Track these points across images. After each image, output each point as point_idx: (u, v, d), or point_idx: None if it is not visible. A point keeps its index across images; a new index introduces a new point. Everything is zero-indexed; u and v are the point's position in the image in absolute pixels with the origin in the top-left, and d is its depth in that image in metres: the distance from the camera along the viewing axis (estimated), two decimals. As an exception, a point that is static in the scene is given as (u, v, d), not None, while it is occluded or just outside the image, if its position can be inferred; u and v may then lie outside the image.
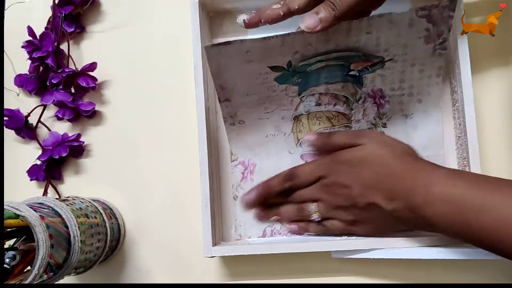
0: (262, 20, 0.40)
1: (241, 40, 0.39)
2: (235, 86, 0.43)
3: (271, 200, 0.45)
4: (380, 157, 0.39)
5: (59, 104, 0.51)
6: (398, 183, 0.38)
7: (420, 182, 0.37)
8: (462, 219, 0.34)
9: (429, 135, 0.46)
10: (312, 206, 0.43)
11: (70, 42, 0.53)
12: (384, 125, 0.47)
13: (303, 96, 0.46)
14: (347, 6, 0.37)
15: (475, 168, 0.42)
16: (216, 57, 0.40)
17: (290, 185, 0.44)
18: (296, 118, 0.47)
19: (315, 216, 0.43)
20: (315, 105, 0.46)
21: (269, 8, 0.40)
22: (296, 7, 0.40)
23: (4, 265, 0.37)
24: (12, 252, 0.38)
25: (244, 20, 0.41)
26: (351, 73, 0.44)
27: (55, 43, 0.51)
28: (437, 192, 0.36)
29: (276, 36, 0.39)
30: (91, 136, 0.52)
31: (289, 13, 0.40)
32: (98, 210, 0.47)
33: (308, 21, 0.38)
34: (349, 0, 0.37)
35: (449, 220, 0.35)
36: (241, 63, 0.41)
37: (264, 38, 0.39)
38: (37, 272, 0.36)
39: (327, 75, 0.44)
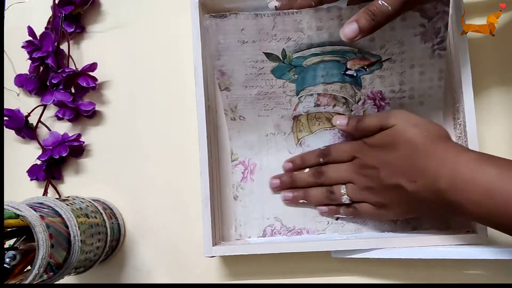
0: (294, 8, 0.41)
1: (235, 14, 0.41)
2: (233, 73, 0.44)
3: (298, 183, 0.46)
4: (407, 138, 0.39)
5: (59, 104, 0.51)
6: (421, 165, 0.37)
7: (445, 165, 0.36)
8: (491, 206, 0.34)
9: None
10: (342, 188, 0.44)
11: (70, 42, 0.53)
12: None
13: (301, 96, 0.46)
14: (386, 16, 0.37)
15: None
16: (215, 34, 0.42)
17: (324, 161, 0.45)
18: (296, 118, 0.47)
19: (344, 198, 0.44)
20: (314, 106, 0.46)
21: None
22: None
23: (4, 265, 0.37)
24: (12, 252, 0.38)
25: (275, 6, 0.41)
26: (349, 72, 0.44)
27: (55, 43, 0.51)
28: (464, 177, 0.35)
29: (268, 14, 0.41)
30: (91, 136, 0.52)
31: (319, 3, 0.40)
32: (98, 210, 0.47)
33: (348, 29, 0.38)
34: (388, 12, 0.37)
35: (477, 206, 0.34)
36: (237, 44, 0.43)
37: (256, 14, 0.41)
38: (37, 272, 0.36)
39: (323, 73, 0.44)
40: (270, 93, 0.46)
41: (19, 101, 0.54)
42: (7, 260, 0.37)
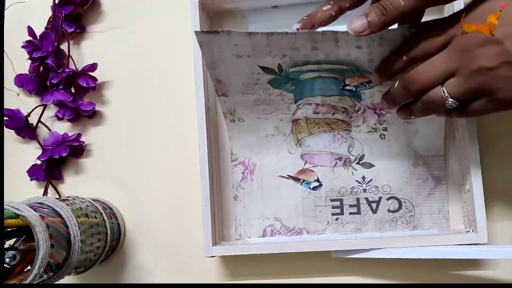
0: (316, 24, 0.39)
1: (228, 32, 0.38)
2: (230, 82, 0.43)
3: (396, 103, 0.38)
4: None
5: (59, 104, 0.51)
6: None
7: None
8: None
9: (430, 137, 0.46)
10: (442, 90, 0.34)
11: (70, 42, 0.53)
12: (385, 129, 0.47)
13: (299, 104, 0.46)
14: (399, 12, 0.34)
15: (475, 169, 0.42)
16: (208, 47, 0.39)
17: (411, 59, 0.36)
18: (295, 121, 0.47)
19: (450, 102, 0.34)
20: (313, 113, 0.46)
21: (320, 10, 0.39)
22: (347, 5, 0.38)
23: (4, 265, 0.37)
24: (12, 252, 0.38)
25: (297, 28, 0.39)
26: (347, 88, 0.43)
27: (55, 43, 0.51)
28: None
29: (261, 33, 0.38)
30: (91, 136, 0.52)
31: (340, 12, 0.38)
32: (98, 209, 0.47)
33: (356, 23, 0.35)
34: (401, 8, 0.34)
35: None
36: (232, 57, 0.40)
37: (249, 33, 0.38)
38: (37, 272, 0.36)
39: (322, 87, 0.44)
40: (268, 100, 0.45)
41: (19, 101, 0.54)
42: (7, 260, 0.37)
